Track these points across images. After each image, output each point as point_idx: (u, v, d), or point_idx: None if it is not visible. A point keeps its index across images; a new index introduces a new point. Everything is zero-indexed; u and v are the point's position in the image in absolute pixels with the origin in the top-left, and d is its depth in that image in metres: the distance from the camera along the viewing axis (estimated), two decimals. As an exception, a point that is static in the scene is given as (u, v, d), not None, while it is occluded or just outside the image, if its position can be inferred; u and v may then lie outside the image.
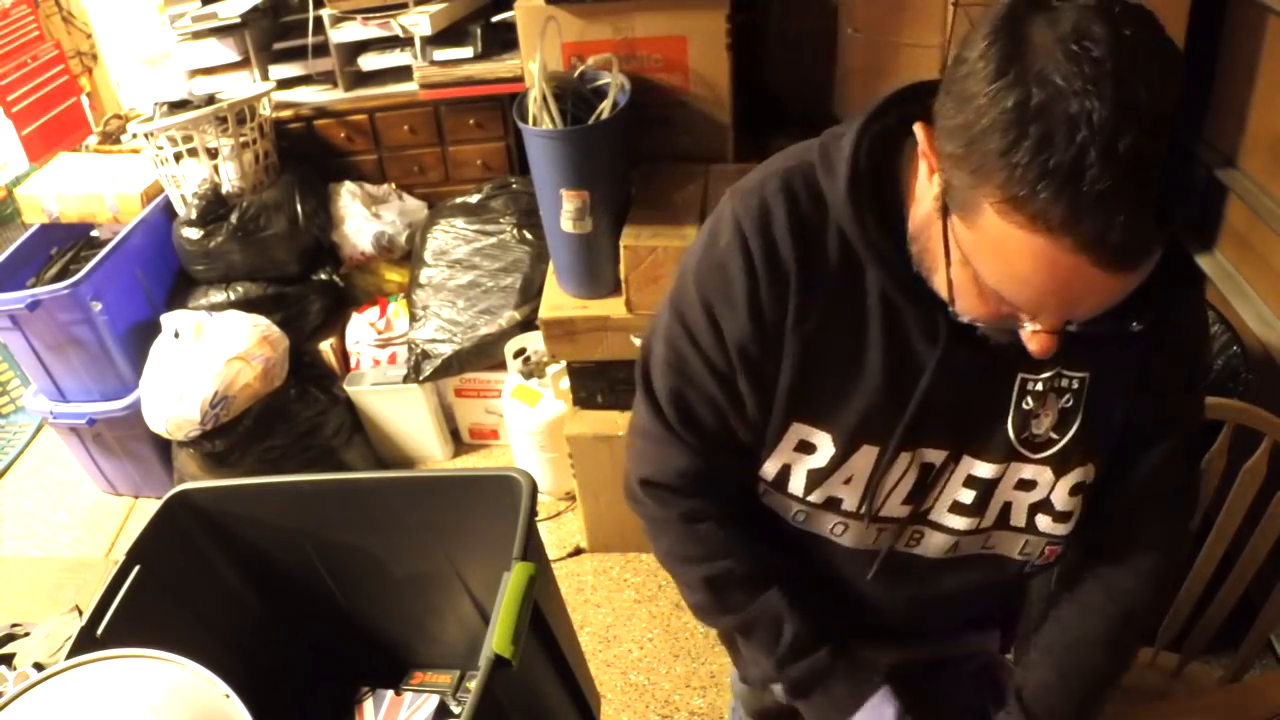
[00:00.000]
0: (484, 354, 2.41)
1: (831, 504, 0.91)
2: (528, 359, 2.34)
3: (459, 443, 2.64)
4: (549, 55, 1.92)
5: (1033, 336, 0.72)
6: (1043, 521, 0.91)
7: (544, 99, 1.85)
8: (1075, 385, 0.86)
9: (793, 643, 0.94)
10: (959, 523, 0.91)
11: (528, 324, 2.36)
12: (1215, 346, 1.71)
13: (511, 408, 2.32)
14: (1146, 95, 0.61)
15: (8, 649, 1.89)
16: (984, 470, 0.88)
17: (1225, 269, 1.87)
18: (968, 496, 0.89)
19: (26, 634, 1.94)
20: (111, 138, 2.81)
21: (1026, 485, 0.89)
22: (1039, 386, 0.85)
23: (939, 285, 0.77)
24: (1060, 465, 0.88)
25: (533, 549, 1.24)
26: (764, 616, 0.95)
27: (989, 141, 0.63)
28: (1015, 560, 0.95)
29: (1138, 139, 0.60)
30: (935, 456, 0.88)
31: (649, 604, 2.15)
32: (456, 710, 1.58)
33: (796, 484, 0.91)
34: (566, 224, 1.93)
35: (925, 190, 0.75)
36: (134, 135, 2.60)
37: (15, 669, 1.81)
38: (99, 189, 2.49)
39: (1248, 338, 1.70)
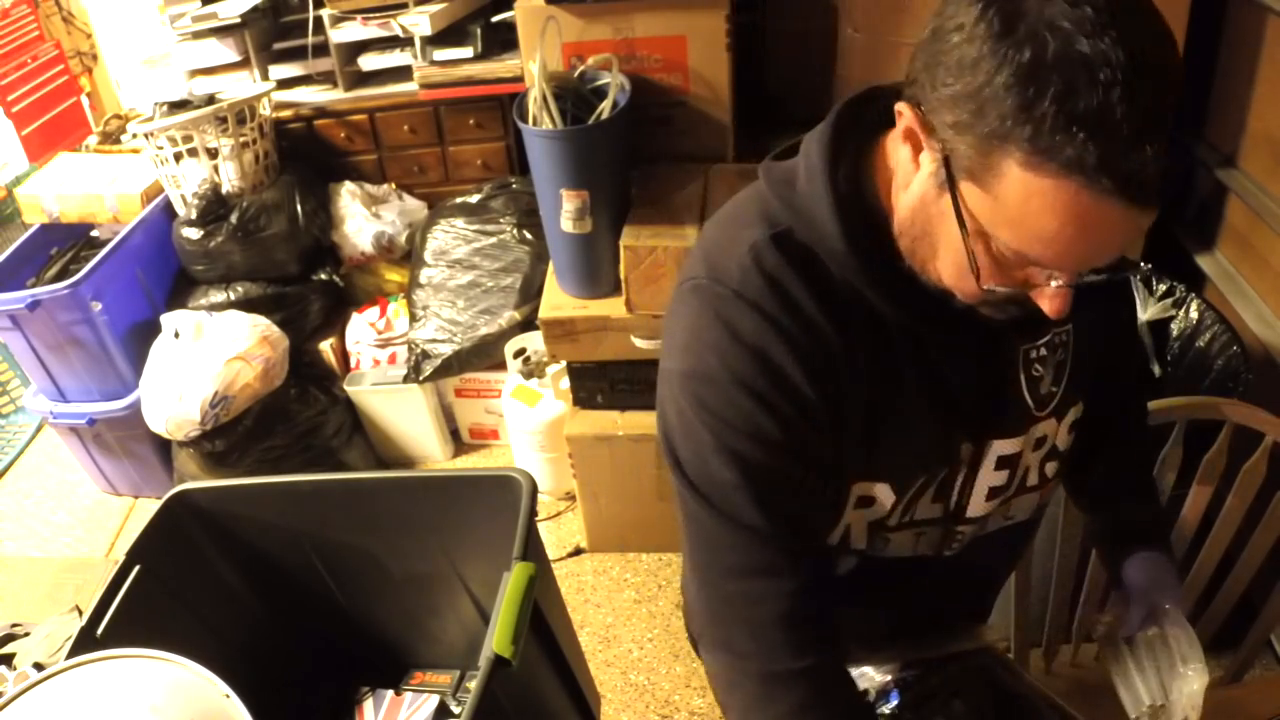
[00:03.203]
0: (484, 354, 2.41)
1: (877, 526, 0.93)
2: (528, 359, 2.34)
3: (459, 443, 2.64)
4: (549, 55, 1.92)
5: (1053, 295, 0.71)
6: (1050, 468, 0.96)
7: (544, 99, 1.85)
8: (1064, 339, 0.90)
9: None
10: (993, 505, 0.94)
11: (528, 324, 2.36)
12: (1215, 346, 1.71)
13: (511, 408, 2.32)
14: (1151, 35, 0.63)
15: (8, 649, 1.89)
16: (1011, 446, 0.90)
17: (1225, 269, 1.87)
18: (1001, 478, 0.92)
19: (26, 634, 1.94)
20: (111, 138, 2.81)
21: (1040, 443, 0.93)
22: (1042, 352, 0.88)
23: (938, 271, 0.76)
24: (1061, 413, 0.93)
25: (533, 549, 1.24)
26: None
27: (1007, 99, 0.63)
28: (1031, 519, 1.00)
29: (1152, 76, 0.61)
30: (964, 453, 0.89)
31: (649, 604, 2.15)
32: (456, 710, 1.58)
33: (858, 539, 0.92)
34: (566, 224, 1.93)
35: (912, 175, 0.74)
36: (134, 135, 2.60)
37: (15, 669, 1.81)
38: (99, 189, 2.49)
39: (1248, 338, 1.70)
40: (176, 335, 2.28)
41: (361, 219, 2.52)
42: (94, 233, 2.64)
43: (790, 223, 0.81)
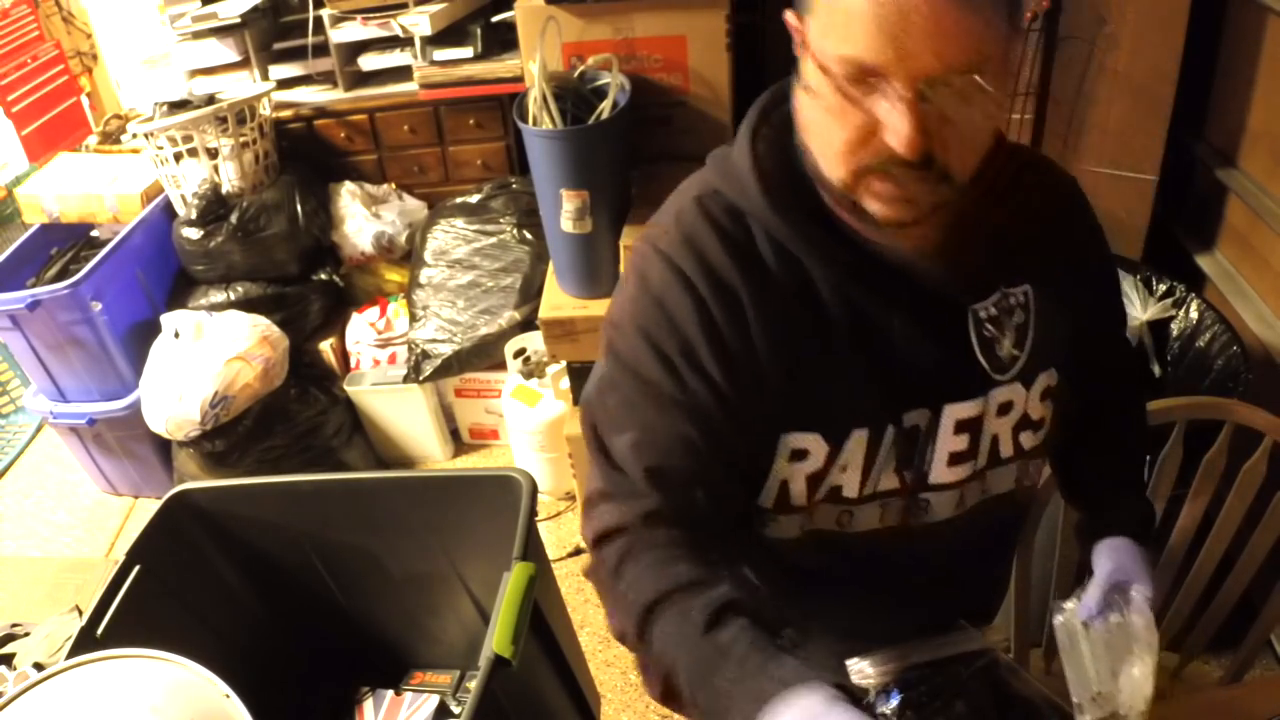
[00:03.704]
0: (484, 354, 2.41)
1: (833, 495, 0.92)
2: (528, 359, 2.34)
3: (459, 443, 2.64)
4: (549, 55, 1.92)
5: (895, 115, 0.70)
6: (1026, 439, 0.94)
7: (544, 99, 1.85)
8: (1022, 300, 0.90)
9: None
10: (959, 473, 0.93)
11: (528, 324, 2.36)
12: (1215, 346, 1.71)
13: (511, 408, 2.32)
14: None
15: (8, 649, 1.89)
16: (969, 410, 0.90)
17: (1225, 269, 1.87)
18: (962, 442, 0.91)
19: (26, 634, 1.95)
20: (111, 138, 2.81)
21: (1005, 409, 0.92)
22: (992, 311, 0.89)
23: (820, 154, 0.78)
24: (1027, 377, 0.92)
25: (533, 549, 1.24)
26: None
27: None
28: (1013, 494, 0.99)
29: None
30: (918, 418, 0.89)
31: (649, 604, 2.15)
32: (456, 710, 1.58)
33: (798, 495, 0.90)
34: (566, 224, 1.93)
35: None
36: (134, 135, 2.60)
37: (15, 669, 1.81)
38: (99, 189, 2.49)
39: (1248, 338, 1.70)
40: (176, 335, 2.28)
41: (361, 219, 2.52)
42: (94, 233, 2.64)
43: (721, 186, 0.87)
